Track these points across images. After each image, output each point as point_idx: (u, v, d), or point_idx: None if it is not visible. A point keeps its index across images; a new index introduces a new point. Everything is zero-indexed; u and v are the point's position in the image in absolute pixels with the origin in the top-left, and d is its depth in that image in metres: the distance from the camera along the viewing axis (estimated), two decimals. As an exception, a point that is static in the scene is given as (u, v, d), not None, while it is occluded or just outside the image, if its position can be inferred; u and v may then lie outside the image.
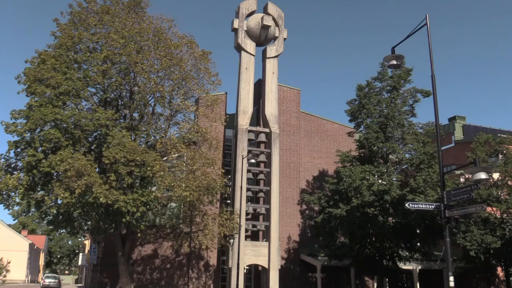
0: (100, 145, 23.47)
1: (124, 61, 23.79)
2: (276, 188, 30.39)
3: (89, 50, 24.12)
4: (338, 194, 27.07)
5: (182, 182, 22.88)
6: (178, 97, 25.49)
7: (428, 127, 28.82)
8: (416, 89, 28.53)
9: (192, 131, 25.16)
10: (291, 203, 33.82)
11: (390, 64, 15.80)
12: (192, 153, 24.12)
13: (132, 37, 24.06)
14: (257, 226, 31.06)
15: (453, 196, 14.61)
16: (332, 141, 36.37)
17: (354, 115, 28.88)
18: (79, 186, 20.50)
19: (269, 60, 32.62)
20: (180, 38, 25.89)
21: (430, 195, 25.09)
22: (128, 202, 21.26)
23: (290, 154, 34.57)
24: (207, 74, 25.89)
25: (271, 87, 32.17)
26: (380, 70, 29.09)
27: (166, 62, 24.10)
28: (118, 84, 23.67)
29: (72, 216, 23.38)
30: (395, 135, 28.37)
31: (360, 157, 28.48)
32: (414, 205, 15.45)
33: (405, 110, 28.60)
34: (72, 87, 22.38)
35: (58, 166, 20.88)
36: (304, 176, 34.88)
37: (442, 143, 18.66)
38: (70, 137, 22.30)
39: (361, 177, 25.95)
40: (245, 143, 30.25)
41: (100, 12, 24.44)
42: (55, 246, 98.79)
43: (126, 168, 21.37)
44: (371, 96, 28.48)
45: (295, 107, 35.56)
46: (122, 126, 23.63)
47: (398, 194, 25.55)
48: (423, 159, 26.63)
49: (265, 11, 33.14)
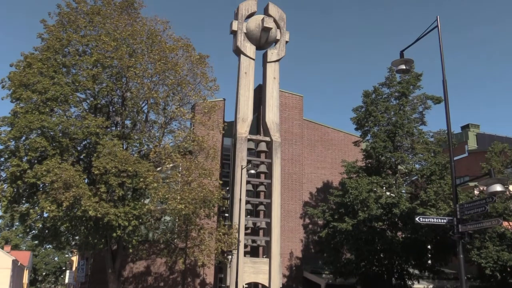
0: (90, 154, 23.45)
1: (116, 65, 23.84)
2: (277, 200, 30.34)
3: (79, 53, 24.17)
4: (344, 207, 27.03)
5: (177, 194, 22.83)
6: (173, 104, 25.51)
7: (439, 135, 28.84)
8: (426, 95, 28.60)
9: (188, 140, 25.15)
10: (293, 217, 33.74)
11: (398, 68, 15.84)
12: (187, 163, 24.09)
13: (124, 39, 24.14)
14: (257, 242, 30.97)
15: (467, 210, 14.58)
16: (337, 150, 36.38)
17: (361, 123, 28.91)
18: (66, 198, 20.45)
19: (270, 65, 32.73)
20: (176, 41, 25.97)
21: (442, 208, 25.06)
22: (119, 215, 21.20)
23: (292, 164, 34.55)
24: (204, 79, 25.94)
25: (272, 93, 32.24)
26: (388, 75, 29.18)
27: (161, 66, 24.16)
28: (109, 89, 23.70)
29: (59, 230, 23.31)
30: (404, 144, 28.40)
31: (367, 168, 28.46)
32: (424, 219, 15.41)
33: (414, 117, 28.64)
34: (60, 93, 22.39)
35: (44, 177, 20.83)
36: (307, 188, 34.84)
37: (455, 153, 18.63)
38: (57, 146, 22.27)
39: (368, 189, 25.92)
40: (244, 153, 30.25)
41: (91, 13, 24.53)
42: (40, 262, 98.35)
43: (117, 179, 21.33)
44: (379, 103, 28.54)
45: (298, 114, 35.61)
46: (113, 134, 23.62)
47: (407, 207, 25.51)
48: (434, 170, 26.62)
49: (265, 13, 33.30)
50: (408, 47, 15.83)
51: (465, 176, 36.31)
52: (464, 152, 45.72)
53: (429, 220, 15.50)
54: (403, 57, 15.71)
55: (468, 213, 14.63)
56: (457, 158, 41.33)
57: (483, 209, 14.31)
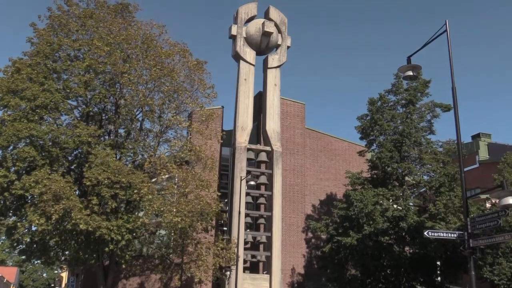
0: (81, 164, 23.43)
1: (109, 71, 23.89)
2: (278, 213, 30.27)
3: (70, 58, 24.23)
4: (348, 220, 26.96)
5: (173, 206, 22.78)
6: (169, 112, 25.53)
7: (448, 145, 28.83)
8: (434, 103, 28.63)
9: (184, 150, 25.14)
10: (295, 231, 33.64)
11: (405, 75, 15.88)
12: (184, 174, 24.06)
13: (118, 44, 24.20)
14: (257, 257, 30.86)
15: (478, 224, 14.53)
16: (341, 161, 36.36)
17: (366, 132, 28.91)
18: (56, 211, 20.39)
19: (271, 71, 32.80)
20: (172, 45, 26.04)
21: (452, 222, 24.99)
22: (111, 229, 21.14)
23: (294, 175, 34.51)
24: (202, 86, 25.98)
25: (273, 100, 32.27)
26: (395, 82, 29.22)
27: (156, 72, 24.20)
28: (102, 96, 23.72)
29: (47, 245, 23.20)
30: (412, 154, 28.38)
31: (373, 179, 28.42)
32: (434, 234, 15.38)
33: (422, 126, 28.65)
34: (50, 100, 22.42)
35: (33, 188, 20.78)
36: (310, 200, 34.77)
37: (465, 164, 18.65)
38: (47, 156, 22.25)
39: (373, 201, 25.87)
40: (243, 163, 30.22)
41: (83, 16, 24.63)
42: (28, 279, 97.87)
43: (110, 190, 21.29)
44: (385, 111, 28.56)
45: (300, 123, 35.63)
46: (106, 143, 23.62)
47: (415, 221, 25.44)
48: (443, 182, 26.57)
49: (266, 17, 33.43)
50: (416, 53, 15.88)
51: (476, 188, 36.22)
52: (475, 163, 45.68)
53: (438, 235, 15.48)
54: (410, 63, 15.75)
55: (480, 227, 14.59)
56: (467, 169, 41.26)
57: (495, 223, 14.27)
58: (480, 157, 47.14)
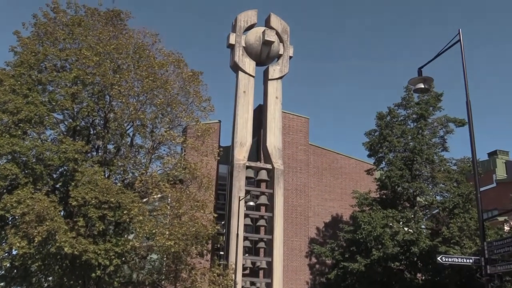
0: (67, 183, 23.37)
1: (98, 83, 23.95)
2: (279, 237, 30.16)
3: (56, 69, 24.31)
4: (355, 244, 26.90)
5: (165, 229, 22.70)
6: (162, 126, 25.55)
7: (463, 163, 28.87)
8: (448, 117, 28.73)
9: (178, 167, 25.12)
10: (297, 256, 33.51)
11: (416, 88, 15.96)
12: (178, 194, 24.01)
13: (108, 53, 24.30)
14: (256, 284, 30.69)
15: (496, 248, 14.49)
16: (348, 180, 36.34)
17: (374, 149, 28.98)
18: (39, 233, 20.30)
19: (272, 82, 32.92)
20: (166, 55, 26.15)
21: (467, 246, 24.92)
22: (99, 253, 21.02)
23: (296, 195, 34.47)
24: (197, 99, 26.04)
25: (274, 114, 32.34)
26: (405, 95, 29.37)
27: (149, 84, 24.27)
28: (90, 109, 23.75)
29: (29, 270, 23.06)
30: (424, 173, 28.41)
31: (382, 200, 28.41)
32: (448, 259, 15.33)
33: (435, 142, 28.74)
34: (35, 113, 22.43)
35: (15, 208, 20.71)
36: (314, 222, 34.68)
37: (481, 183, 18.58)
38: (30, 174, 22.21)
39: (382, 224, 25.85)
40: (242, 182, 30.19)
41: (71, 24, 24.75)
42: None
43: (98, 211, 21.22)
44: (394, 126, 28.65)
45: (303, 138, 35.68)
46: (94, 160, 23.61)
47: (428, 245, 25.39)
48: (457, 203, 26.56)
49: (267, 25, 33.65)
50: (427, 64, 15.96)
51: (493, 209, 36.18)
52: (492, 182, 45.68)
53: (452, 260, 15.42)
54: (422, 74, 15.81)
55: (498, 252, 14.54)
56: (483, 189, 41.22)
57: (514, 248, 14.23)
58: (497, 176, 47.16)
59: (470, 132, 15.36)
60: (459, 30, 15.52)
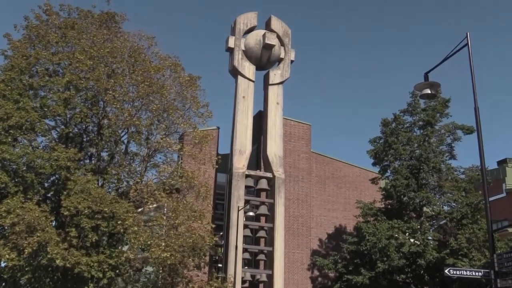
0: (59, 192, 23.38)
1: (92, 88, 24.00)
2: (280, 248, 30.11)
3: (49, 73, 24.36)
4: (359, 257, 26.87)
5: (161, 240, 22.70)
6: (158, 133, 25.59)
7: (471, 172, 28.90)
8: (455, 124, 28.78)
9: (175, 176, 25.12)
10: (299, 268, 33.45)
11: (423, 93, 15.98)
12: (174, 204, 24.02)
13: (102, 57, 24.36)
14: (255, 298, 30.64)
15: (507, 261, 14.48)
16: (352, 189, 36.33)
17: (379, 157, 29.00)
18: (29, 244, 20.29)
19: (273, 88, 32.95)
20: (162, 59, 26.23)
21: (476, 259, 24.91)
22: (92, 265, 21.01)
23: (298, 205, 34.45)
24: (195, 104, 26.08)
25: (275, 121, 32.37)
26: (411, 101, 29.42)
27: (144, 89, 24.32)
28: (84, 115, 23.79)
29: (19, 283, 23.03)
30: (430, 182, 28.42)
31: (387, 210, 28.41)
32: (456, 272, 15.31)
33: (442, 150, 28.76)
34: (26, 119, 22.48)
35: (4, 218, 20.72)
36: (316, 233, 34.64)
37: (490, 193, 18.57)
38: (20, 182, 22.23)
39: (388, 235, 25.83)
40: (241, 191, 30.17)
41: (64, 27, 24.82)
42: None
43: (91, 221, 21.22)
44: (400, 133, 28.68)
45: (305, 146, 35.70)
46: (87, 168, 23.62)
47: (435, 257, 25.38)
48: (466, 213, 26.56)
49: (267, 27, 33.72)
50: (434, 69, 16.00)
51: (503, 220, 36.09)
52: (502, 192, 45.58)
53: (461, 273, 15.40)
54: (428, 79, 15.85)
55: (509, 264, 14.53)
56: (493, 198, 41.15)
57: (526, 260, 14.23)
58: (507, 185, 47.05)
59: (479, 139, 15.38)
60: (467, 34, 15.58)
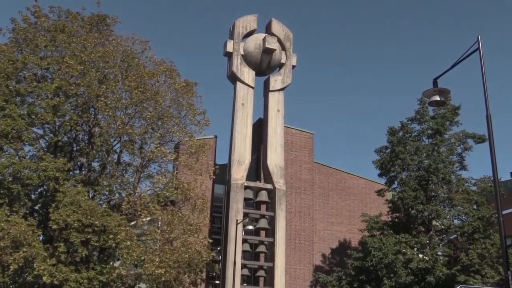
0: (47, 204, 23.34)
1: (82, 94, 24.01)
2: (281, 264, 29.98)
3: (37, 78, 24.38)
4: (365, 273, 26.77)
5: (155, 255, 22.63)
6: (152, 142, 25.58)
7: (483, 183, 28.82)
8: (466, 133, 28.73)
9: (169, 187, 25.08)
10: (301, 285, 33.33)
11: (431, 100, 15.89)
12: (169, 217, 23.96)
13: (93, 62, 24.41)
14: (255, 317, 30.49)
15: (521, 278, 14.37)
16: (357, 201, 36.25)
17: (385, 168, 28.94)
18: (15, 260, 20.24)
19: (273, 94, 32.91)
20: (157, 64, 26.26)
21: (489, 275, 24.81)
22: (81, 282, 20.97)
23: (300, 218, 34.35)
24: (191, 112, 26.09)
25: (276, 129, 32.30)
26: (419, 109, 29.38)
27: (138, 95, 24.32)
28: (74, 123, 23.78)
29: (4, 301, 22.97)
30: (440, 194, 28.35)
31: (394, 224, 28.32)
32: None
33: (452, 160, 28.70)
34: (12, 127, 22.47)
35: (-12, 232, 20.67)
36: (319, 248, 34.53)
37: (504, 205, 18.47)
38: (6, 194, 22.21)
39: (395, 250, 25.74)
40: (240, 204, 30.06)
41: (53, 30, 24.87)
42: None
43: (81, 235, 21.18)
44: (407, 142, 28.63)
45: (307, 156, 35.64)
46: (77, 179, 23.59)
47: (445, 274, 25.30)
48: (477, 227, 26.48)
49: (268, 31, 33.71)
50: (443, 74, 15.92)
51: (517, 234, 36.01)
52: (515, 204, 45.50)
53: (473, 291, 15.31)
54: (437, 86, 15.79)
55: (523, 282, 14.42)
56: (506, 212, 41.05)
57: (542, 277, 14.11)
58: (521, 197, 47.01)
59: (491, 148, 15.29)
60: (478, 38, 15.52)
